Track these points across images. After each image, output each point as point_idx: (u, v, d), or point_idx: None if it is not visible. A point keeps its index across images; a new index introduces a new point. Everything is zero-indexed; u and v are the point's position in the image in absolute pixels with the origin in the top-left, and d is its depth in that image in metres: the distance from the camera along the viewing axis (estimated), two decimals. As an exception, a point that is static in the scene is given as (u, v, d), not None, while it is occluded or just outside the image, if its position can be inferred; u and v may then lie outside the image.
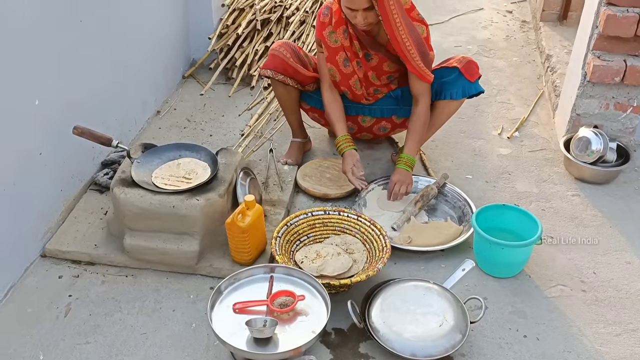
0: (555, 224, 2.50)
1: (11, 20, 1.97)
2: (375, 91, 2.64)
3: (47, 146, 2.23)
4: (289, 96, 2.67)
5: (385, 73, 2.57)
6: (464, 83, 2.52)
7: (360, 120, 2.74)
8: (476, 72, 2.55)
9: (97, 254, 2.23)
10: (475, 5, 4.75)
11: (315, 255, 2.14)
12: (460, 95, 2.54)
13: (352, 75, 2.55)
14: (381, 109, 2.69)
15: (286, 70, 2.55)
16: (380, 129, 2.75)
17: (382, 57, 2.51)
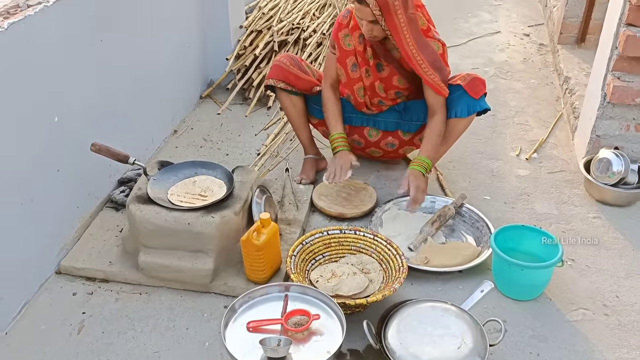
0: (576, 247, 2.45)
1: (35, 39, 2.00)
2: (379, 102, 2.63)
3: (65, 163, 2.25)
4: (295, 108, 2.70)
5: (393, 88, 2.57)
6: (468, 100, 2.50)
7: (367, 133, 2.72)
8: (481, 89, 2.52)
9: (112, 271, 2.22)
10: (493, 28, 4.75)
11: (331, 275, 2.11)
12: (465, 113, 2.52)
13: (357, 81, 2.57)
14: (385, 122, 2.68)
15: (287, 78, 2.63)
16: (388, 145, 2.73)
17: (394, 70, 2.51)
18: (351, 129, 2.73)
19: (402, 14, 2.28)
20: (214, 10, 3.40)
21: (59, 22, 2.11)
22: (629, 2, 2.51)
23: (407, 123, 2.67)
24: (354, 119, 2.71)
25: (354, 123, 2.72)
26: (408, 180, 2.45)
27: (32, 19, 1.96)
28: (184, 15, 3.20)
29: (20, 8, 2.00)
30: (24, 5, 2.02)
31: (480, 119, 3.33)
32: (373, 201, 2.60)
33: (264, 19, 3.77)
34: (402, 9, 2.28)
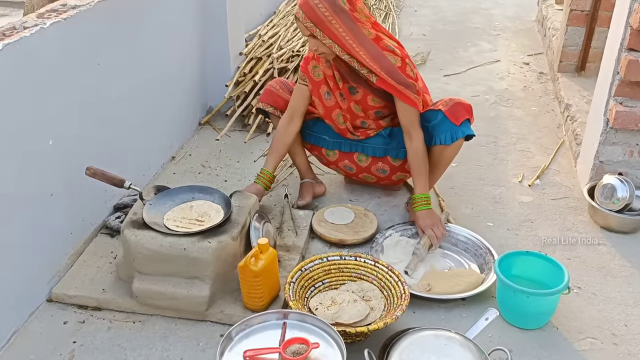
0: (582, 274, 2.39)
1: (31, 60, 1.97)
2: (362, 124, 2.60)
3: (59, 187, 2.20)
4: None
5: (371, 108, 2.54)
6: (450, 127, 2.43)
7: (356, 158, 2.69)
8: (462, 115, 2.43)
9: (105, 298, 2.15)
10: (492, 57, 4.77)
11: (331, 302, 2.05)
12: (449, 140, 2.45)
13: (334, 107, 2.55)
14: (373, 148, 2.64)
15: (276, 102, 2.64)
16: (379, 171, 2.69)
17: (365, 90, 2.49)
18: (341, 155, 2.70)
19: (340, 24, 2.28)
20: (214, 37, 3.40)
21: (55, 44, 2.09)
22: (630, 27, 2.51)
23: (395, 149, 2.63)
24: (343, 145, 2.68)
25: (342, 149, 2.69)
26: (420, 226, 2.45)
27: (27, 41, 1.94)
28: (183, 41, 3.20)
29: (16, 30, 1.98)
30: (20, 27, 2.00)
31: (482, 146, 3.32)
32: (374, 227, 2.55)
33: (263, 47, 3.77)
34: (337, 19, 2.28)
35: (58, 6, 2.24)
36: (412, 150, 2.49)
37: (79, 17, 2.20)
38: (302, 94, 2.57)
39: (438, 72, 4.42)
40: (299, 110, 2.59)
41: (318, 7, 2.27)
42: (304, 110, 2.60)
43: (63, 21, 2.11)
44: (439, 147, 2.49)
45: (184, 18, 3.16)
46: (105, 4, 2.36)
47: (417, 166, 2.49)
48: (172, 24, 3.02)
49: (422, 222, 2.45)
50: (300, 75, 2.58)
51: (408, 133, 2.48)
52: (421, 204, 2.47)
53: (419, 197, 2.48)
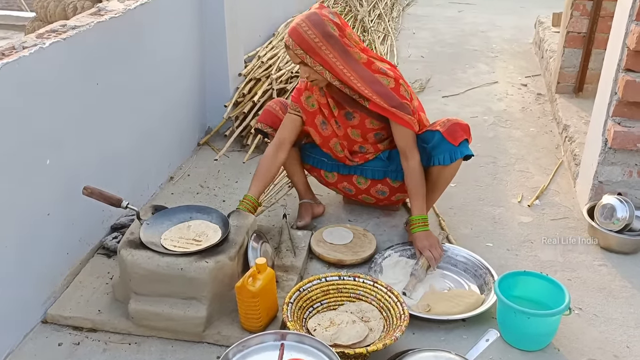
0: (583, 295, 2.37)
1: (29, 79, 1.97)
2: (360, 149, 2.59)
3: (56, 207, 2.19)
4: None
5: (370, 131, 2.53)
6: (448, 147, 2.43)
7: (355, 181, 2.68)
8: (461, 135, 2.44)
9: (100, 319, 2.13)
10: (490, 79, 4.79)
11: (329, 323, 2.02)
12: (447, 161, 2.44)
13: (331, 137, 2.55)
14: (372, 170, 2.63)
15: (275, 123, 2.61)
16: (379, 192, 2.68)
17: (362, 114, 2.48)
18: (340, 177, 2.69)
19: (330, 51, 2.29)
20: (213, 58, 3.42)
21: (54, 63, 2.09)
22: (627, 47, 2.52)
23: (394, 172, 2.62)
24: (342, 168, 2.67)
25: (341, 171, 2.68)
26: (418, 247, 2.44)
27: (26, 60, 1.94)
28: (182, 63, 3.21)
29: (15, 50, 1.99)
30: (20, 47, 2.00)
31: (480, 166, 3.32)
32: (372, 248, 2.53)
33: (262, 68, 3.79)
34: (328, 46, 2.28)
35: (58, 27, 2.25)
36: (408, 172, 2.48)
37: (78, 38, 2.21)
38: (292, 124, 2.55)
39: (437, 94, 4.43)
40: (288, 140, 2.55)
41: (307, 34, 2.28)
42: (293, 139, 2.57)
43: (62, 41, 2.12)
44: (438, 167, 2.49)
45: (183, 39, 3.17)
46: (104, 24, 2.38)
47: (413, 187, 2.48)
48: (171, 46, 3.03)
49: (419, 244, 2.44)
50: (291, 105, 2.57)
51: (404, 154, 2.48)
52: (418, 225, 2.46)
53: (416, 219, 2.47)
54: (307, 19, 2.31)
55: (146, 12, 2.72)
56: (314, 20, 2.30)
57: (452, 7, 7.22)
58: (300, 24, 2.30)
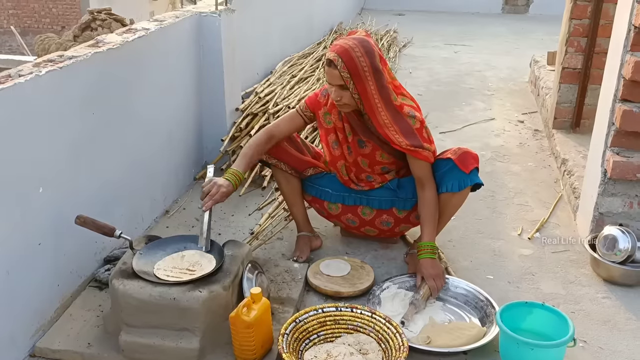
0: (588, 328, 2.31)
1: (24, 107, 1.96)
2: (367, 178, 2.58)
3: (47, 237, 2.15)
4: (289, 185, 2.65)
5: (378, 163, 2.53)
6: (459, 175, 2.43)
7: (360, 212, 2.64)
8: (471, 163, 2.44)
9: (90, 353, 2.06)
10: (487, 115, 4.81)
11: (326, 356, 1.96)
12: (457, 188, 2.44)
13: (339, 158, 2.55)
14: (379, 200, 2.60)
15: (280, 155, 2.57)
16: (383, 223, 2.65)
17: (376, 145, 2.48)
18: (344, 208, 2.66)
19: (373, 83, 2.29)
20: (210, 93, 3.43)
21: (50, 91, 2.09)
22: (623, 78, 2.53)
23: (402, 200, 2.60)
24: (347, 199, 2.64)
25: (346, 202, 2.65)
26: (423, 274, 2.40)
27: (22, 87, 1.93)
28: (180, 97, 3.22)
29: (11, 77, 1.98)
30: (16, 75, 2.00)
31: (480, 199, 3.29)
32: (370, 279, 2.48)
33: (260, 103, 3.80)
34: (372, 77, 2.28)
35: (55, 57, 2.26)
36: (424, 199, 2.46)
37: (75, 67, 2.21)
38: (291, 122, 2.56)
39: (434, 130, 4.42)
40: (281, 135, 2.55)
41: (359, 60, 2.25)
42: (286, 135, 2.57)
43: (59, 70, 2.12)
44: (446, 195, 2.47)
45: (180, 74, 3.19)
46: (102, 55, 2.38)
47: (427, 214, 2.45)
48: (168, 79, 3.04)
49: (425, 271, 2.39)
50: (302, 106, 2.56)
51: (421, 184, 2.47)
52: (427, 252, 2.42)
53: (426, 245, 2.43)
54: (360, 44, 2.28)
55: (144, 45, 2.73)
56: (366, 48, 2.28)
57: (447, 48, 7.34)
58: (354, 47, 2.26)
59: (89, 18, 6.99)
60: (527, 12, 10.12)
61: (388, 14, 9.17)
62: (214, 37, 3.31)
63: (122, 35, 2.66)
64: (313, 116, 2.57)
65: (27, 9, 13.32)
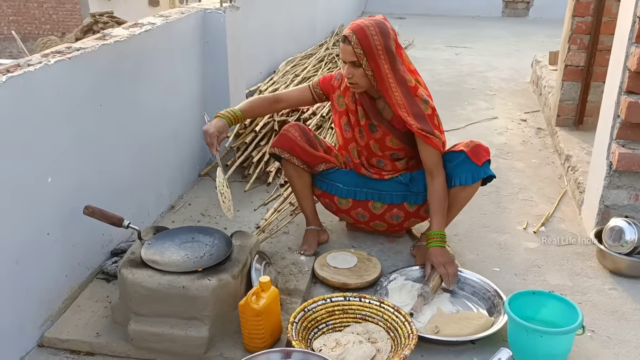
0: (595, 318, 2.31)
1: (34, 95, 1.97)
2: (378, 162, 2.60)
3: (56, 227, 2.15)
4: (300, 179, 2.65)
5: (388, 149, 2.55)
6: (472, 167, 2.45)
7: (371, 206, 2.65)
8: (484, 155, 2.47)
9: (99, 342, 2.06)
10: (490, 114, 4.82)
11: (335, 344, 1.96)
12: (470, 181, 2.45)
13: (351, 141, 2.57)
14: (391, 195, 2.61)
15: (293, 149, 2.58)
16: (393, 217, 2.65)
17: (386, 130, 2.50)
18: (355, 203, 2.66)
19: (386, 62, 2.31)
20: (215, 88, 3.44)
21: (58, 81, 2.09)
22: (628, 69, 2.54)
23: (414, 195, 2.60)
24: (358, 193, 2.64)
25: (358, 197, 2.65)
26: (433, 262, 2.40)
27: (31, 76, 1.94)
28: (185, 92, 3.22)
29: (20, 67, 1.99)
30: (25, 64, 2.01)
31: (484, 195, 3.29)
32: (377, 271, 2.48)
33: (264, 101, 3.80)
34: (386, 57, 2.31)
35: (63, 48, 2.26)
36: (433, 189, 2.47)
37: (83, 58, 2.22)
38: (303, 94, 2.65)
39: (437, 128, 4.45)
40: (288, 100, 2.68)
41: (373, 38, 2.29)
42: (292, 103, 2.69)
43: (67, 60, 2.13)
44: (458, 187, 2.48)
45: (186, 69, 3.20)
46: (109, 47, 2.39)
47: (436, 204, 2.46)
48: (174, 75, 3.05)
49: (434, 259, 2.39)
50: (315, 82, 2.63)
51: (430, 173, 2.48)
52: (436, 240, 2.42)
53: (435, 234, 2.43)
54: (376, 24, 2.33)
55: (150, 39, 2.74)
56: (381, 29, 2.32)
57: (449, 50, 7.37)
58: (369, 25, 2.31)
59: (91, 21, 7.02)
60: (527, 16, 10.17)
61: (389, 18, 9.16)
62: (219, 34, 3.32)
63: (129, 29, 2.68)
64: (323, 95, 2.62)
65: (27, 15, 13.36)
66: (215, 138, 2.36)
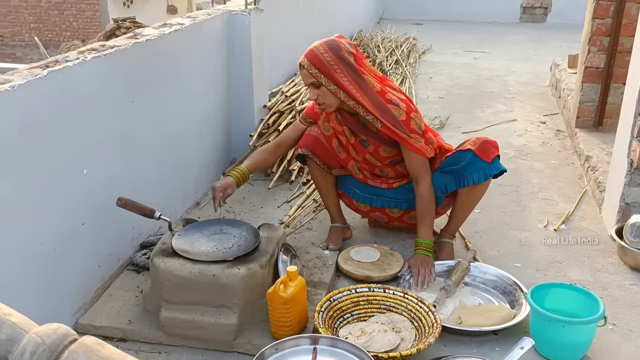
0: (617, 312, 2.33)
1: (72, 89, 2.05)
2: (382, 172, 2.64)
3: (90, 218, 2.22)
4: (323, 178, 2.70)
5: (384, 158, 2.58)
6: (482, 165, 2.47)
7: (389, 211, 2.71)
8: (492, 152, 2.49)
9: (131, 329, 2.13)
10: (509, 117, 4.85)
11: (360, 333, 2.01)
12: (482, 179, 2.48)
13: (348, 160, 2.62)
14: (408, 201, 2.64)
15: (315, 147, 2.62)
16: (411, 218, 2.70)
17: (376, 142, 2.52)
18: (372, 208, 2.72)
19: (345, 74, 2.34)
20: (239, 89, 3.52)
21: (94, 77, 2.17)
22: (649, 68, 2.57)
23: None
24: (375, 201, 2.70)
25: (374, 204, 2.71)
26: (410, 263, 2.47)
27: (70, 70, 2.02)
28: (211, 93, 3.30)
29: (59, 63, 2.08)
30: (63, 60, 2.09)
31: (504, 194, 3.33)
32: (400, 265, 2.53)
33: (286, 102, 3.88)
34: (343, 69, 2.34)
35: (97, 46, 2.35)
36: (418, 196, 2.52)
37: (117, 55, 2.30)
38: (296, 129, 2.71)
39: (456, 130, 4.49)
40: (287, 142, 2.72)
41: (323, 55, 2.35)
42: (291, 143, 2.72)
43: (103, 57, 2.21)
44: (470, 187, 2.51)
45: (212, 69, 3.28)
46: (141, 45, 2.47)
47: (422, 211, 2.51)
48: (201, 74, 3.13)
49: (412, 261, 2.47)
50: (302, 116, 2.69)
51: (415, 180, 2.52)
52: (421, 248, 2.49)
53: (423, 242, 2.50)
54: (325, 42, 2.39)
55: (179, 39, 2.83)
56: (330, 44, 2.38)
57: (467, 55, 7.40)
58: (317, 46, 2.38)
59: (114, 26, 7.16)
60: (545, 21, 10.17)
61: (406, 23, 9.26)
62: (244, 35, 3.40)
63: (159, 29, 2.76)
64: (313, 123, 2.67)
65: (48, 22, 13.60)
66: (219, 193, 2.43)
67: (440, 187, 2.55)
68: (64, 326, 0.84)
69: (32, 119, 1.88)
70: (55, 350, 0.80)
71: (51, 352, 0.80)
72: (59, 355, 0.80)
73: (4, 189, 1.79)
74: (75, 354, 0.80)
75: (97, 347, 0.82)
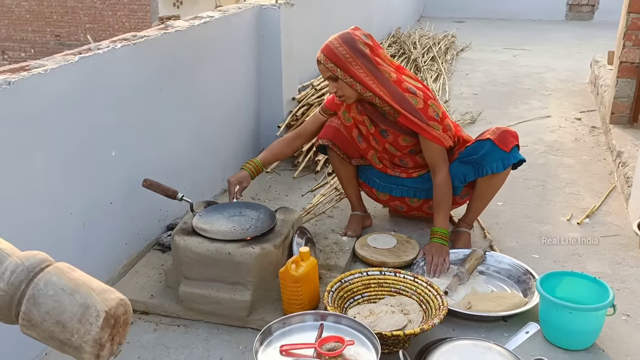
0: (632, 303, 2.32)
1: (102, 75, 2.19)
2: (401, 162, 2.67)
3: (118, 197, 2.35)
4: (344, 168, 2.76)
5: (404, 148, 2.61)
6: (501, 154, 2.49)
7: (408, 201, 2.76)
8: (511, 141, 2.51)
9: (152, 303, 2.24)
10: (543, 113, 4.81)
11: (369, 313, 2.07)
12: (501, 168, 2.50)
13: (368, 149, 2.66)
14: (427, 191, 2.68)
15: (335, 137, 2.67)
16: (430, 208, 2.73)
17: (395, 132, 2.56)
18: (391, 197, 2.78)
19: (360, 66, 2.39)
20: (269, 81, 3.62)
21: (124, 64, 2.30)
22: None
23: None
24: (394, 190, 2.75)
25: (394, 193, 2.76)
26: (425, 250, 2.52)
27: (100, 57, 2.16)
28: (241, 84, 3.41)
29: (91, 50, 2.21)
30: (95, 48, 2.22)
31: (529, 188, 3.33)
32: (415, 252, 2.58)
33: (315, 95, 3.96)
34: (358, 61, 2.39)
35: (129, 36, 2.48)
36: (435, 185, 2.55)
37: (146, 44, 2.43)
38: (316, 121, 2.76)
39: (487, 125, 4.41)
40: (306, 133, 2.79)
41: (338, 49, 2.41)
42: (310, 134, 2.79)
43: (132, 46, 2.34)
44: (489, 176, 2.54)
45: (241, 61, 3.39)
46: (171, 36, 2.60)
47: (438, 200, 2.55)
48: (230, 65, 3.24)
49: (427, 248, 2.51)
50: (322, 107, 2.74)
51: (432, 169, 2.56)
52: (437, 237, 2.52)
53: (438, 231, 2.53)
54: (339, 36, 2.46)
55: (209, 31, 2.94)
56: (344, 38, 2.44)
57: (506, 52, 7.33)
58: (332, 41, 2.45)
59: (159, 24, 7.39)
60: (592, 19, 9.94)
61: (447, 22, 9.21)
62: (274, 29, 3.50)
63: (189, 21, 2.88)
64: (333, 114, 2.72)
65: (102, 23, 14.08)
66: (234, 187, 2.53)
67: (458, 177, 2.59)
68: (43, 253, 1.02)
69: (65, 101, 2.02)
70: (32, 270, 0.99)
71: (28, 272, 0.98)
72: (35, 275, 0.98)
73: (40, 160, 1.94)
74: (48, 274, 0.98)
75: (68, 270, 1.01)
